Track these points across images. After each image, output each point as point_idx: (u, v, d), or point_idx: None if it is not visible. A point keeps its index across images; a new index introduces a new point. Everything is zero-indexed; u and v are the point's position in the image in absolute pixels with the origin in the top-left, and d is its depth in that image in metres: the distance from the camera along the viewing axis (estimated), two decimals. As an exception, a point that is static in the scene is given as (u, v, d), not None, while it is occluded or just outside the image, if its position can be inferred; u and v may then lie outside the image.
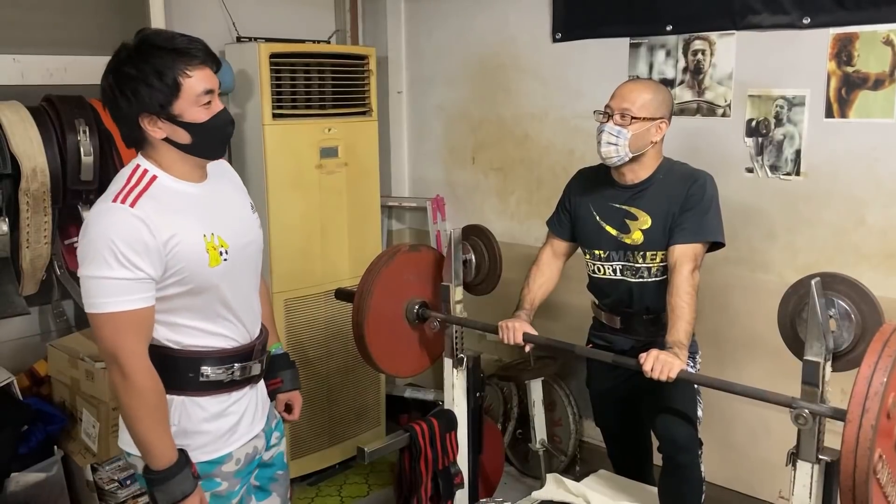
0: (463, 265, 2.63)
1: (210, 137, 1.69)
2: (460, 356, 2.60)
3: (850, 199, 2.61)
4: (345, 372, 3.43)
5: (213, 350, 1.73)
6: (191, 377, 1.70)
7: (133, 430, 1.63)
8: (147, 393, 1.60)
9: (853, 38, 2.52)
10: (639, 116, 2.25)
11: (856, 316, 1.91)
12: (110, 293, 1.56)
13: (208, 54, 1.66)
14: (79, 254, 1.60)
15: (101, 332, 1.59)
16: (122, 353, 1.58)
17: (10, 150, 2.49)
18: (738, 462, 2.96)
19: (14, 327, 2.94)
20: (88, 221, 1.61)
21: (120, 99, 1.62)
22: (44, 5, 2.94)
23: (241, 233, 1.77)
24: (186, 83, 1.61)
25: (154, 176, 1.65)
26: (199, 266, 1.65)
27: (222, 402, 1.76)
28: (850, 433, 1.55)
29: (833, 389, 1.89)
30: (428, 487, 2.60)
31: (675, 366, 2.05)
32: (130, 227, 1.56)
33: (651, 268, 2.37)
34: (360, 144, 3.37)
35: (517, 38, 3.44)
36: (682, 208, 2.29)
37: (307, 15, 3.78)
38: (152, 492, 1.64)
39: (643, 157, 2.33)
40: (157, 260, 1.59)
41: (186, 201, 1.68)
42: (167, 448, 1.64)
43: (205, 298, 1.69)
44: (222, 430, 1.75)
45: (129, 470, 2.79)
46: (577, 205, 2.49)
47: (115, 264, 1.55)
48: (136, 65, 1.60)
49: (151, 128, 1.63)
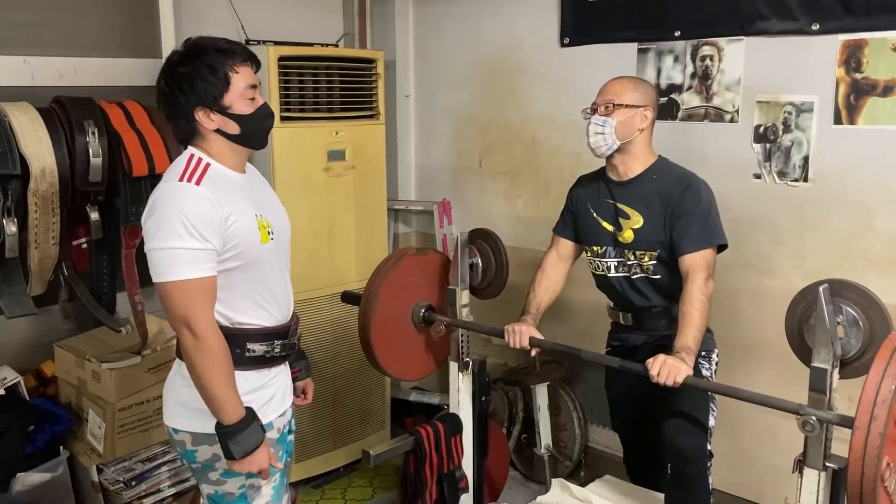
0: (469, 269, 2.63)
1: (256, 128, 1.85)
2: (466, 360, 2.60)
3: (859, 205, 2.60)
4: (350, 375, 3.43)
5: (258, 327, 1.87)
6: (238, 353, 1.82)
7: (206, 389, 1.73)
8: (219, 351, 1.74)
9: (862, 45, 2.52)
10: (621, 104, 2.30)
11: (864, 323, 1.90)
12: (183, 262, 1.70)
13: (250, 54, 1.84)
14: (147, 230, 1.74)
15: (172, 299, 1.71)
16: (194, 317, 1.71)
17: (20, 151, 2.50)
18: (744, 468, 2.95)
19: (21, 327, 2.95)
20: (156, 200, 1.75)
21: (178, 95, 1.78)
22: (54, 7, 2.95)
23: (278, 219, 1.93)
24: (234, 78, 1.79)
25: (208, 163, 1.80)
26: (253, 242, 1.80)
27: (263, 376, 1.90)
28: (857, 441, 1.55)
29: (840, 396, 1.89)
30: (433, 491, 2.60)
31: (682, 371, 2.05)
32: (198, 202, 1.72)
33: (642, 265, 2.37)
34: (367, 147, 3.38)
35: (525, 43, 3.44)
36: (676, 213, 2.28)
37: (316, 18, 3.79)
38: (226, 444, 1.75)
39: (632, 147, 2.34)
40: (220, 233, 1.74)
41: (236, 186, 1.84)
42: (237, 403, 1.76)
43: (255, 274, 1.84)
44: (263, 400, 1.89)
45: (135, 471, 2.80)
46: (578, 205, 2.52)
47: (187, 235, 1.69)
48: (190, 63, 1.77)
49: (205, 120, 1.80)
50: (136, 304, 2.85)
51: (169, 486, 2.87)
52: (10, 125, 2.52)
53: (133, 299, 2.85)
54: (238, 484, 1.88)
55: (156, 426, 2.88)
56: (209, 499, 1.94)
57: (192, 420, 1.84)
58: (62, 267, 2.79)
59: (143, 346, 2.90)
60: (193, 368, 1.74)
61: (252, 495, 1.91)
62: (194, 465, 1.90)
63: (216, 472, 1.87)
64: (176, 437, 1.89)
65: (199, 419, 1.81)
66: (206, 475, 1.89)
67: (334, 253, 3.32)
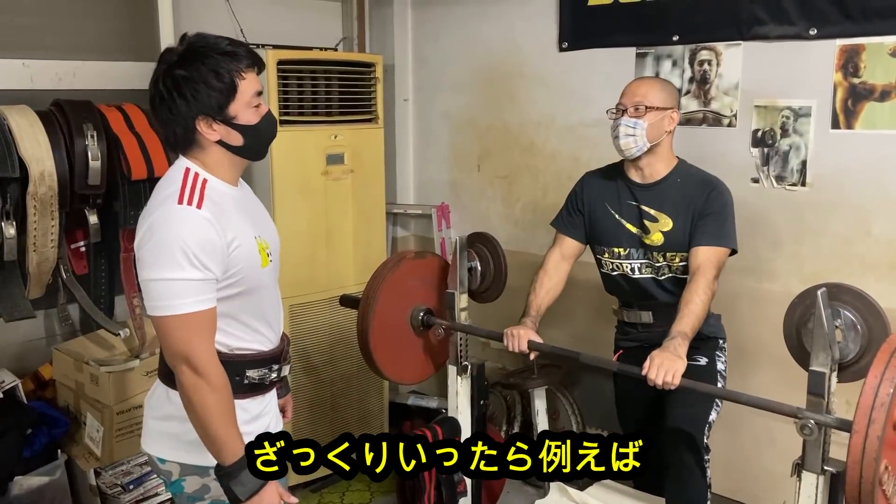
0: (468, 272, 2.63)
1: (260, 139, 1.73)
2: (465, 364, 2.59)
3: (857, 209, 2.61)
4: (348, 378, 3.43)
5: (255, 353, 1.77)
6: (237, 380, 1.72)
7: (206, 430, 1.61)
8: (222, 389, 1.62)
9: (860, 50, 2.53)
10: (653, 106, 2.31)
11: (862, 326, 1.90)
12: (183, 294, 1.56)
13: (255, 57, 1.68)
14: (143, 257, 1.59)
15: (172, 334, 1.58)
16: (196, 353, 1.58)
17: (19, 154, 2.51)
18: (742, 472, 2.95)
19: (20, 330, 2.95)
20: (154, 224, 1.59)
21: (178, 100, 1.62)
22: (53, 11, 2.96)
23: (272, 237, 1.82)
24: (242, 85, 1.64)
25: (205, 179, 1.66)
26: (254, 267, 1.69)
27: (259, 403, 1.81)
28: (856, 444, 1.55)
29: (839, 400, 1.89)
30: (431, 495, 2.60)
31: (678, 370, 2.05)
32: (201, 228, 1.58)
33: (672, 266, 2.40)
34: (366, 151, 3.38)
35: (523, 47, 3.45)
36: (701, 213, 2.32)
37: (315, 22, 3.79)
38: (229, 487, 1.63)
39: (659, 149, 2.36)
40: (222, 260, 1.61)
41: (234, 203, 1.71)
42: (238, 442, 1.64)
43: (253, 299, 1.73)
44: (260, 430, 1.77)
45: (133, 474, 2.80)
46: (591, 205, 2.50)
47: (187, 265, 1.56)
48: (191, 66, 1.61)
49: (207, 130, 1.65)
50: (135, 307, 2.85)
51: (166, 489, 2.86)
52: (9, 128, 2.52)
53: (131, 302, 2.85)
54: None
55: (154, 430, 2.87)
56: None
57: (181, 451, 1.73)
58: (60, 270, 2.80)
59: (142, 350, 2.90)
60: (193, 408, 1.61)
61: None
62: (179, 496, 1.78)
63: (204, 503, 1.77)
64: (162, 467, 1.77)
65: (191, 451, 1.70)
66: None
67: (333, 256, 3.32)
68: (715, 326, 2.48)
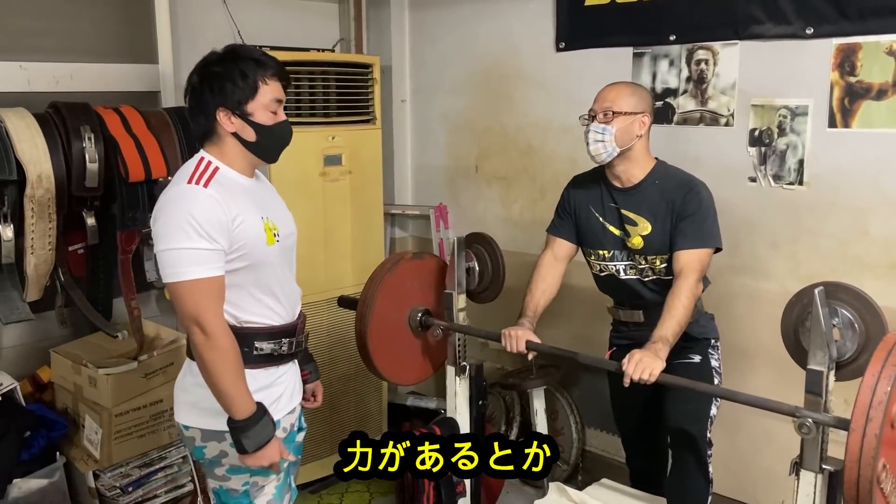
0: (466, 273, 2.63)
1: (272, 140, 1.92)
2: (463, 364, 2.60)
3: (854, 209, 2.61)
4: (347, 380, 3.43)
5: (265, 326, 1.92)
6: (246, 351, 1.86)
7: (217, 385, 1.78)
8: (229, 349, 1.78)
9: (856, 49, 2.53)
10: (620, 111, 2.32)
11: (859, 325, 1.91)
12: (192, 262, 1.74)
13: (282, 70, 1.90)
14: (156, 232, 1.78)
15: (183, 299, 1.76)
16: (205, 316, 1.75)
17: (16, 157, 2.51)
18: (740, 471, 2.95)
19: (17, 333, 2.95)
20: (164, 203, 1.79)
21: (206, 92, 1.84)
22: (50, 13, 2.96)
23: (284, 224, 1.98)
24: (263, 88, 1.85)
25: (217, 167, 1.85)
26: (259, 244, 1.85)
27: (271, 374, 1.95)
28: (853, 442, 1.55)
29: (836, 399, 1.89)
30: (430, 496, 2.60)
31: (656, 368, 2.07)
32: (206, 203, 1.76)
33: (654, 268, 2.40)
34: (363, 152, 3.38)
35: (521, 48, 3.45)
36: (680, 215, 2.32)
37: (312, 23, 3.80)
38: (239, 439, 1.80)
39: (632, 153, 2.36)
40: (227, 234, 1.78)
41: (243, 189, 1.89)
42: (248, 399, 1.81)
43: (261, 275, 1.88)
44: (271, 399, 1.93)
45: (132, 477, 2.80)
46: (578, 208, 2.52)
47: (195, 236, 1.73)
48: (225, 65, 1.84)
49: (225, 121, 1.85)
50: (133, 309, 2.85)
51: (165, 491, 2.87)
52: (6, 131, 2.52)
53: (129, 304, 2.84)
54: (241, 481, 1.93)
55: (152, 431, 2.88)
56: (214, 493, 2.00)
57: (201, 417, 1.89)
58: (58, 272, 2.79)
59: (140, 352, 2.89)
60: (204, 365, 1.78)
61: (255, 493, 1.96)
62: (202, 461, 1.96)
63: (222, 468, 1.93)
64: (186, 434, 1.94)
65: (209, 417, 1.86)
66: (213, 471, 1.95)
67: (331, 257, 3.32)
68: (706, 327, 2.49)
